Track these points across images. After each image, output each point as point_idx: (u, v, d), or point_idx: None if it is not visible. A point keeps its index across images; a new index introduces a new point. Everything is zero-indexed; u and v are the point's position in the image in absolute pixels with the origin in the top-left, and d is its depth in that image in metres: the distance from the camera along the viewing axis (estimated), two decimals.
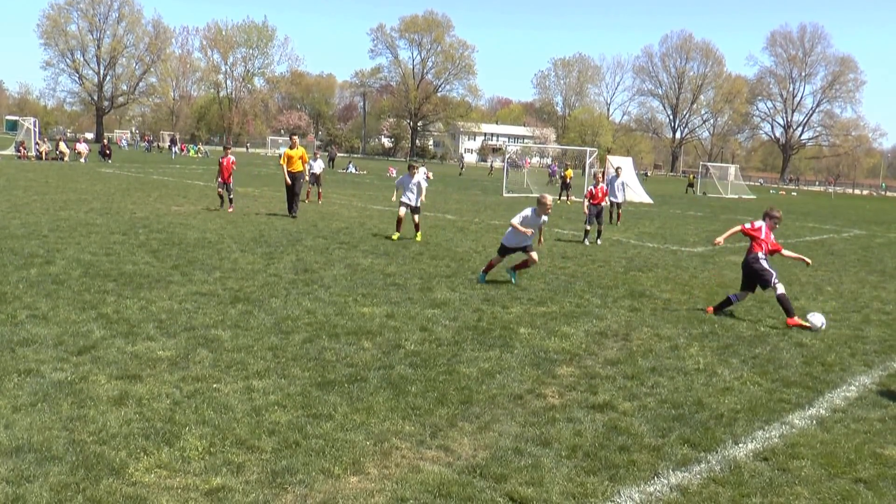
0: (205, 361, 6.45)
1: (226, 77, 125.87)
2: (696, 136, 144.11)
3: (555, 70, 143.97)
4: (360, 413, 5.46)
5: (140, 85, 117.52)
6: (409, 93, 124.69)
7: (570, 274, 12.55)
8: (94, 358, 6.32)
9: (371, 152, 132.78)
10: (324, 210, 21.70)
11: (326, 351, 7.00)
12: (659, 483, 4.58)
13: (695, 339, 8.34)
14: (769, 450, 5.23)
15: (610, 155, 49.76)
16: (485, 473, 4.55)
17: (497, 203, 30.89)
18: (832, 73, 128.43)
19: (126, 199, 21.08)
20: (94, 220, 15.70)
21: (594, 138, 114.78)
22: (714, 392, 6.48)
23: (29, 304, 8.03)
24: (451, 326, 8.28)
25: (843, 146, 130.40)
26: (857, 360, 7.87)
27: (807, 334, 8.90)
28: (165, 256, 11.63)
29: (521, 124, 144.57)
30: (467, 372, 6.62)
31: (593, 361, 7.25)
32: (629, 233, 21.00)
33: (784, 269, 14.93)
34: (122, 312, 7.94)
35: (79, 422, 4.93)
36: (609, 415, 5.77)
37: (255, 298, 9.05)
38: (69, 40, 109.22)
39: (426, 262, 12.94)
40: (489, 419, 5.51)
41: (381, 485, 4.33)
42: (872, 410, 6.24)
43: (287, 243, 14.05)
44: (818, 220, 32.07)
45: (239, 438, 4.84)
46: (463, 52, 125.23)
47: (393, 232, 16.13)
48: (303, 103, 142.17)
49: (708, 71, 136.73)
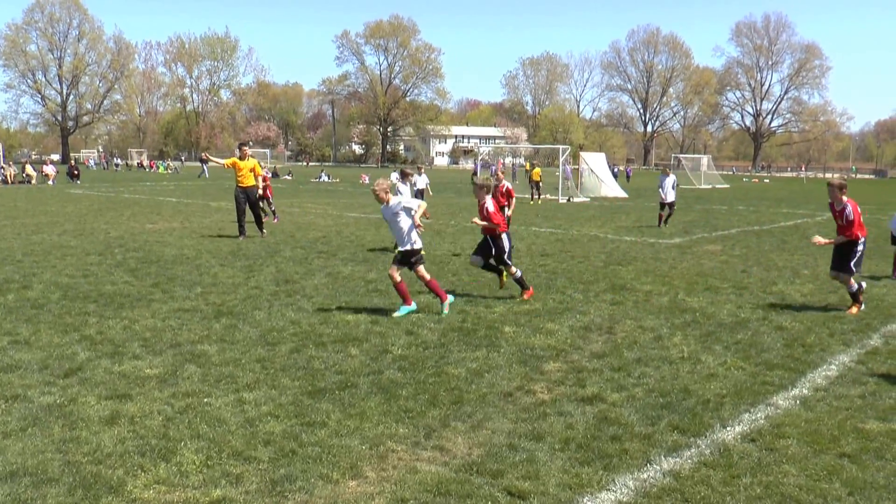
0: (193, 377, 6.44)
1: (191, 91, 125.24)
2: (668, 128, 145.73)
3: (523, 70, 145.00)
4: (354, 419, 5.49)
5: (105, 103, 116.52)
6: (377, 99, 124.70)
7: (550, 271, 12.66)
8: (82, 380, 6.29)
9: (342, 160, 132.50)
10: (299, 220, 21.65)
11: (314, 360, 7.02)
12: (652, 469, 4.67)
13: (678, 329, 8.47)
14: (756, 431, 5.35)
15: (582, 151, 50.10)
16: (481, 470, 4.61)
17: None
18: (798, 60, 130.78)
19: (99, 220, 20.88)
20: (69, 242, 15.55)
21: (566, 136, 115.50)
22: (699, 379, 6.60)
23: (9, 329, 7.96)
24: (437, 329, 8.33)
25: (812, 132, 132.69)
26: (836, 339, 8.04)
27: (787, 318, 9.07)
28: (144, 275, 11.56)
29: (492, 125, 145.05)
30: (456, 373, 6.68)
31: (579, 356, 7.34)
32: (606, 227, 21.20)
33: (761, 254, 15.19)
34: (106, 333, 7.90)
35: (72, 443, 4.91)
36: (598, 406, 5.85)
37: (238, 312, 9.04)
38: (29, 60, 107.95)
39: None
40: (481, 417, 5.57)
41: (381, 487, 4.37)
42: (853, 388, 6.39)
43: (266, 255, 14.02)
44: (792, 206, 32.56)
45: (235, 450, 4.85)
46: (429, 55, 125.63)
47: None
48: (270, 114, 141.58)
49: (676, 64, 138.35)
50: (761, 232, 20.25)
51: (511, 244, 10.32)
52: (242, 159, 16.85)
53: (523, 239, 17.62)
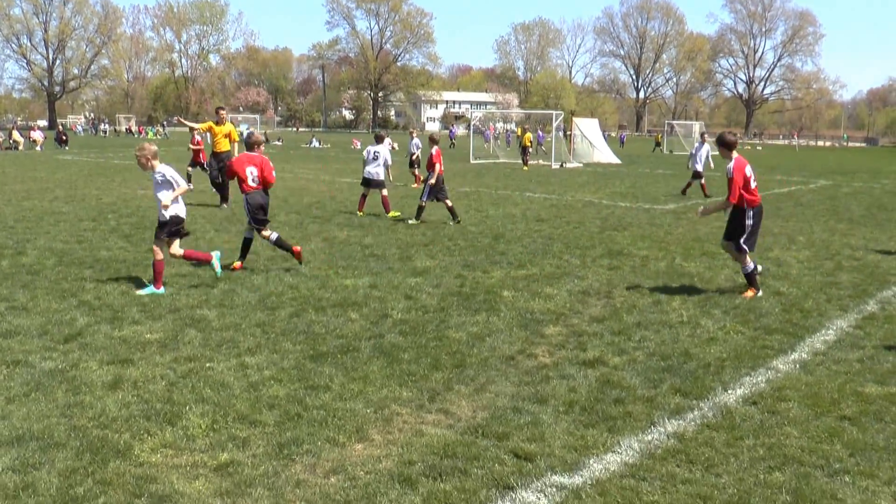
0: (194, 341, 6.43)
1: (180, 56, 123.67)
2: (660, 95, 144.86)
3: (515, 35, 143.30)
4: (357, 382, 5.50)
5: (92, 68, 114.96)
6: (368, 64, 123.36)
7: (546, 236, 12.65)
8: (82, 345, 6.27)
9: (333, 125, 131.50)
10: (291, 185, 21.52)
11: (315, 324, 7.02)
12: (656, 432, 4.70)
13: (676, 293, 8.49)
14: (757, 394, 5.39)
15: (575, 117, 49.85)
16: (487, 433, 4.64)
17: (466, 170, 30.87)
18: (792, 27, 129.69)
19: (90, 186, 20.69)
20: (61, 208, 15.42)
21: (557, 102, 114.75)
22: (700, 343, 6.63)
23: (6, 295, 7.90)
24: (435, 293, 8.33)
25: (804, 99, 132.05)
26: (833, 304, 8.09)
27: (784, 283, 9.11)
28: (139, 240, 11.49)
29: (484, 91, 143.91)
30: (457, 336, 6.69)
31: (579, 320, 7.36)
32: (601, 193, 21.17)
33: None
34: (104, 298, 7.86)
35: (76, 408, 4.90)
36: (600, 370, 5.88)
37: (236, 277, 9.00)
38: (13, 24, 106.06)
39: (402, 231, 12.95)
40: (484, 381, 5.59)
41: (387, 450, 4.39)
42: (851, 352, 6.44)
43: None
44: (785, 173, 32.59)
45: (240, 414, 4.86)
46: (421, 20, 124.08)
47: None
48: (260, 79, 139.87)
49: (669, 30, 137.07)
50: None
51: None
52: (219, 124, 16.22)
53: (518, 204, 17.60)
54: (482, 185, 23.10)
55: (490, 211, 16.24)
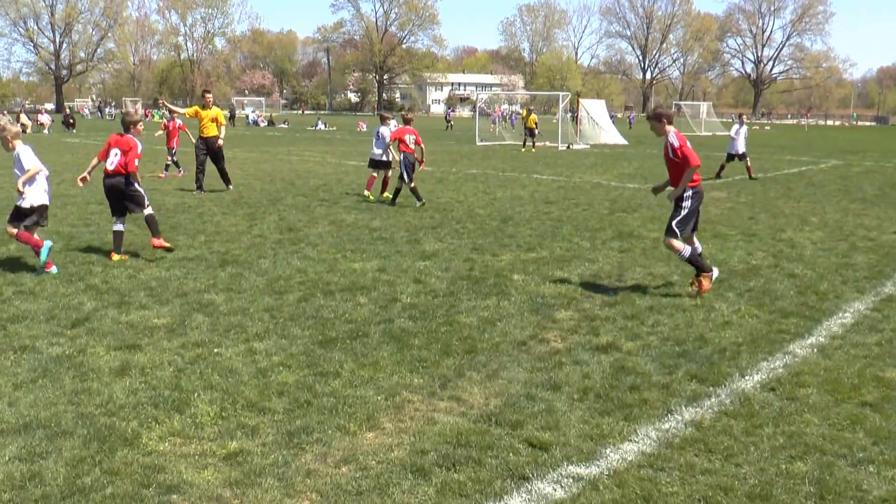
0: (202, 326, 6.35)
1: (186, 39, 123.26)
2: (667, 75, 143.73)
3: (520, 16, 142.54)
4: (367, 368, 5.41)
5: (98, 51, 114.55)
6: (373, 46, 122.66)
7: (555, 218, 12.52)
8: (90, 330, 6.20)
9: (338, 108, 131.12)
10: (298, 168, 21.39)
11: (323, 309, 6.93)
12: (673, 420, 4.60)
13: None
14: (775, 380, 5.28)
15: (581, 98, 49.44)
16: (500, 421, 4.54)
17: (472, 152, 30.69)
18: (801, 5, 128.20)
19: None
20: (68, 191, 15.34)
21: (563, 83, 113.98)
22: (714, 327, 6.52)
23: (13, 279, 7.84)
24: (445, 277, 8.23)
25: (814, 78, 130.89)
26: (849, 287, 7.95)
27: (798, 265, 8.97)
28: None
29: (489, 72, 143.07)
30: (468, 321, 6.59)
31: (591, 304, 7.25)
32: (609, 174, 20.98)
33: (767, 201, 15.03)
34: (111, 283, 7.79)
35: (84, 395, 4.83)
36: (614, 355, 5.77)
37: (243, 260, 8.92)
38: (20, 8, 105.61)
39: (410, 214, 12.84)
40: (496, 367, 5.50)
41: (399, 439, 4.30)
42: (869, 335, 6.31)
43: (268, 203, 13.86)
44: (794, 153, 32.27)
45: (249, 401, 4.77)
46: (426, 2, 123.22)
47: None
48: (265, 62, 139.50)
49: (676, 10, 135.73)
50: (766, 179, 20.05)
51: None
52: (205, 108, 15.67)
53: (525, 186, 17.45)
54: (489, 168, 22.93)
55: (498, 193, 16.10)
